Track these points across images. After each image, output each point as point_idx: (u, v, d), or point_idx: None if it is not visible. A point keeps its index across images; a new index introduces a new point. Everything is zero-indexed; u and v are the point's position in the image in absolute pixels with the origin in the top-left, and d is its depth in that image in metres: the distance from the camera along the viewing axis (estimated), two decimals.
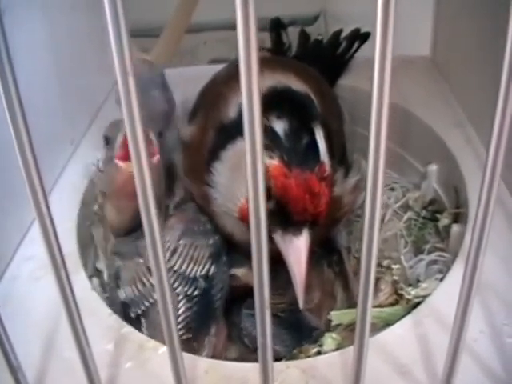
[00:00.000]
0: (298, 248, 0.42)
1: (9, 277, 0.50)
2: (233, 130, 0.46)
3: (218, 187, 0.47)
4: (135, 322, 0.47)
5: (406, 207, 0.62)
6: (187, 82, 0.61)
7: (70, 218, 0.57)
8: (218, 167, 0.47)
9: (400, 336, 0.41)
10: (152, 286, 0.48)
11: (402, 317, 0.43)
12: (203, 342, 0.49)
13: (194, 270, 0.50)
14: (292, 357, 0.46)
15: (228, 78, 0.56)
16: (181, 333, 0.47)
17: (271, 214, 0.33)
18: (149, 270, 0.49)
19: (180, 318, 0.48)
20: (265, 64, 0.25)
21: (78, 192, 0.60)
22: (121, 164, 0.49)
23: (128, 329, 0.43)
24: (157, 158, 0.49)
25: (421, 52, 0.83)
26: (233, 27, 0.22)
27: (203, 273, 0.50)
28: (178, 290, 0.48)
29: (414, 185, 0.66)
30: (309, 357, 0.44)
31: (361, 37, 0.78)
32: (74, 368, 0.33)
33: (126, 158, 0.48)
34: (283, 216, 0.41)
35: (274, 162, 0.41)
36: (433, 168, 0.64)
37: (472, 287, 0.31)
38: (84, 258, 0.54)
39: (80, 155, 0.67)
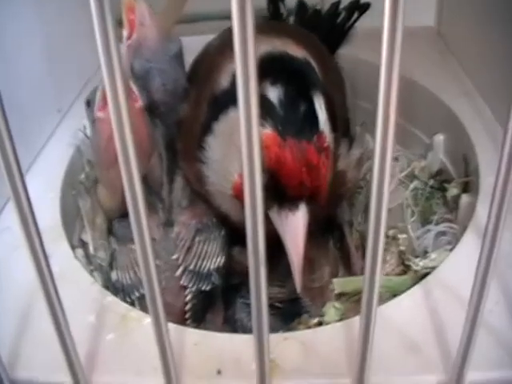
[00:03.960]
0: (294, 225, 0.38)
1: None
2: (225, 100, 0.42)
3: (210, 164, 0.44)
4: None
5: (412, 177, 0.58)
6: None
7: (54, 187, 0.53)
8: (210, 141, 0.43)
9: (408, 307, 0.38)
10: None
11: (410, 287, 0.40)
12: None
13: (208, 265, 0.47)
14: (290, 328, 0.42)
15: (220, 46, 0.52)
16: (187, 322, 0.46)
17: (265, 189, 0.32)
18: None
19: (188, 307, 0.46)
20: (260, 28, 0.21)
21: (63, 161, 0.57)
22: (100, 114, 0.46)
23: (111, 298, 0.40)
24: (139, 104, 0.45)
25: (425, 23, 0.80)
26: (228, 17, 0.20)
27: (216, 265, 0.48)
28: (192, 288, 0.46)
29: (420, 155, 0.63)
30: (309, 328, 0.41)
31: (360, 7, 0.74)
32: (51, 341, 0.30)
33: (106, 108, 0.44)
34: (278, 191, 0.38)
35: (267, 131, 0.37)
36: (439, 138, 0.61)
37: (490, 262, 0.28)
38: (69, 229, 0.51)
39: (67, 124, 0.64)
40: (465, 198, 0.52)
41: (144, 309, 0.39)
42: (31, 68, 0.59)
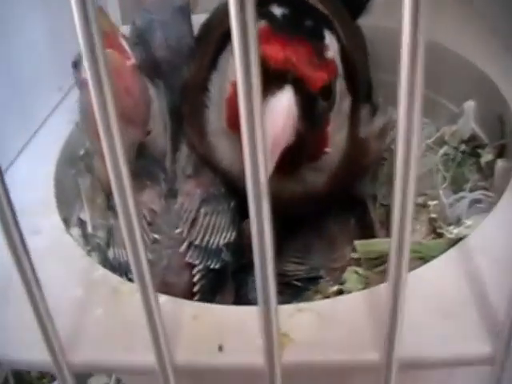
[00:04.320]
0: (276, 107, 0.33)
1: None
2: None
3: (212, 102, 0.40)
4: None
5: (442, 143, 0.53)
6: None
7: (49, 162, 0.49)
8: (214, 78, 0.41)
9: (442, 272, 0.33)
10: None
11: (443, 252, 0.34)
12: None
13: (217, 240, 0.42)
14: (306, 299, 0.37)
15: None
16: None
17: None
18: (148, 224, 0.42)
19: (196, 287, 0.41)
20: None
21: (61, 137, 0.53)
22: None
23: (102, 271, 0.35)
24: (131, 62, 0.41)
25: None
26: None
27: (225, 241, 0.42)
28: (199, 266, 0.41)
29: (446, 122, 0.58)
30: (327, 298, 0.35)
31: None
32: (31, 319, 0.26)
33: None
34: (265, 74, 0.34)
35: (261, 24, 0.35)
36: (470, 104, 0.56)
37: None
38: (66, 208, 0.47)
39: (68, 103, 0.60)
40: (500, 163, 0.47)
41: None
42: (33, 44, 0.56)
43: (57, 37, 0.60)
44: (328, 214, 0.50)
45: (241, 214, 0.45)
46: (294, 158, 0.36)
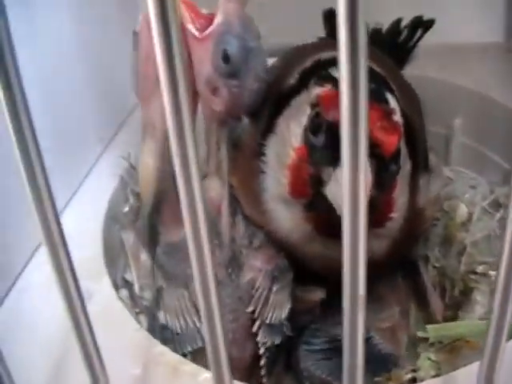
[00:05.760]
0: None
1: (19, 288, 0.42)
2: (290, 94, 0.39)
3: (268, 166, 0.39)
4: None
5: (497, 205, 0.51)
6: None
7: (96, 219, 0.48)
8: (270, 141, 0.39)
9: None
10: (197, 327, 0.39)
11: None
12: None
13: (280, 315, 0.41)
14: None
15: (284, 62, 0.48)
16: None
17: (321, 150, 0.34)
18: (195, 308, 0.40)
19: (262, 362, 0.39)
20: None
21: (106, 191, 0.52)
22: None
23: (160, 348, 0.34)
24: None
25: (494, 38, 0.73)
26: None
27: (286, 314, 0.41)
28: (267, 344, 0.40)
29: (499, 182, 0.56)
30: None
31: (424, 23, 0.69)
32: None
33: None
34: (336, 150, 0.32)
35: (325, 89, 0.35)
36: None
37: None
38: (112, 266, 0.46)
39: (110, 155, 0.59)
40: None
41: (199, 362, 0.33)
42: (74, 96, 0.55)
43: (97, 87, 0.59)
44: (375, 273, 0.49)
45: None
46: None
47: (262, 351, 0.39)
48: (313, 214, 0.37)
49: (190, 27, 0.39)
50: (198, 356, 0.36)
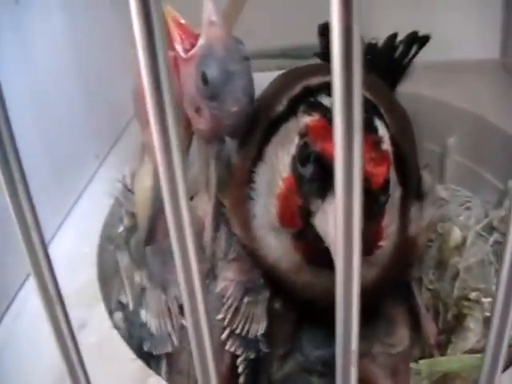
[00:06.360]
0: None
1: (12, 314, 0.42)
2: (279, 122, 0.38)
3: (258, 195, 0.39)
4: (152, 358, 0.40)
5: (490, 229, 0.51)
6: None
7: (90, 241, 0.48)
8: (259, 169, 0.39)
9: None
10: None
11: None
12: None
13: (255, 330, 0.41)
14: None
15: (274, 87, 0.48)
16: None
17: (309, 182, 0.33)
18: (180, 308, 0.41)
19: (241, 379, 0.40)
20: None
21: (101, 212, 0.52)
22: None
23: (155, 379, 0.34)
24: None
25: (490, 55, 0.74)
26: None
27: (262, 331, 0.42)
28: (241, 356, 0.41)
29: (495, 203, 0.56)
30: None
31: (419, 39, 0.70)
32: None
33: None
34: (324, 181, 0.33)
35: (314, 118, 0.34)
36: None
37: None
38: (107, 288, 0.46)
39: (105, 172, 0.59)
40: None
41: (171, 368, 0.33)
42: (69, 112, 0.55)
43: (92, 103, 0.59)
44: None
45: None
46: None
47: (238, 362, 0.40)
48: (302, 244, 0.36)
49: (178, 47, 0.39)
50: (171, 360, 0.38)
